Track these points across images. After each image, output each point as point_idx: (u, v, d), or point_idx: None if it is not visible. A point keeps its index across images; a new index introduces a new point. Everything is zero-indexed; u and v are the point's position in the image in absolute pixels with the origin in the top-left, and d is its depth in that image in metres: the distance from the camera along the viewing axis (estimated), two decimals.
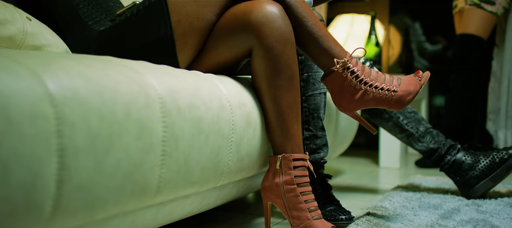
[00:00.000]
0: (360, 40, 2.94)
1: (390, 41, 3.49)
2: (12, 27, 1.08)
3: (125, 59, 0.99)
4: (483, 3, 2.59)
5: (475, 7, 2.60)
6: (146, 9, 1.21)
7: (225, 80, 1.17)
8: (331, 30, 3.05)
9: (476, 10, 2.60)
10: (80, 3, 1.33)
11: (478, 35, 2.60)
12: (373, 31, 2.69)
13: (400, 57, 3.58)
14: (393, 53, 3.53)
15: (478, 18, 2.60)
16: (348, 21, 3.02)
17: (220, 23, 1.21)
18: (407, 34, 3.61)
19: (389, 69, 3.49)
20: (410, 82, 1.24)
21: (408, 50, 3.62)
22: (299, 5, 1.21)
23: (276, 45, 1.16)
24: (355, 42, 2.94)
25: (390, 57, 3.52)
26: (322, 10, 2.97)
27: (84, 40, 1.27)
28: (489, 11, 2.59)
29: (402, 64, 3.60)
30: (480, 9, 2.60)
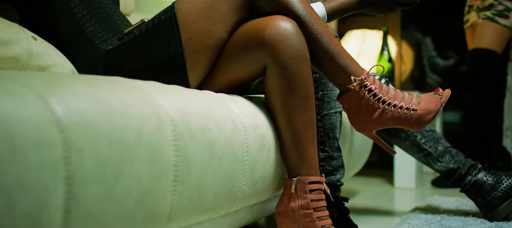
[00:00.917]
0: (372, 56, 2.89)
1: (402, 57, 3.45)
2: (17, 47, 1.04)
3: (134, 79, 0.95)
4: (496, 16, 2.55)
5: (489, 21, 2.55)
6: (155, 27, 1.17)
7: (238, 100, 1.13)
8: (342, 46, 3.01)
9: (490, 24, 2.55)
10: (87, 21, 1.30)
11: (492, 49, 2.55)
12: (385, 47, 2.65)
13: (413, 72, 3.53)
14: (405, 69, 3.48)
15: (491, 32, 2.55)
16: (360, 36, 2.98)
17: (232, 40, 1.17)
18: (419, 49, 3.56)
19: (402, 85, 3.44)
20: (430, 100, 1.20)
21: (420, 65, 3.57)
22: (314, 21, 1.17)
23: (290, 63, 1.11)
24: (367, 58, 2.90)
25: (403, 73, 3.48)
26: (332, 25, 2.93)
27: (91, 59, 1.23)
28: (503, 25, 2.55)
29: (415, 80, 3.55)
30: (493, 23, 2.55)
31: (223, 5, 1.15)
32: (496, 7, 2.56)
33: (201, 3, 1.15)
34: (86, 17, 1.30)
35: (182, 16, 1.15)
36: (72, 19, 1.30)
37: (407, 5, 1.42)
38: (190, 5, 1.15)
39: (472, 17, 2.63)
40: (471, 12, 2.64)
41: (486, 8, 2.57)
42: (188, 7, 1.15)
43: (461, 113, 2.70)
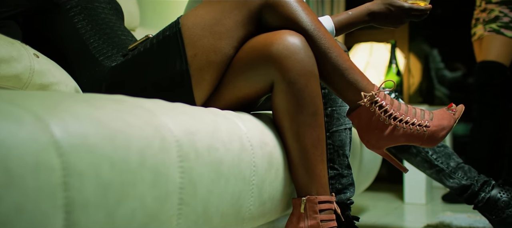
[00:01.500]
0: (380, 69, 2.86)
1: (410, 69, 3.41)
2: (19, 65, 1.01)
3: (138, 97, 0.92)
4: (502, 28, 2.51)
5: (495, 33, 2.52)
6: (160, 43, 1.14)
7: (245, 117, 1.10)
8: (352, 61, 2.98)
9: (496, 36, 2.52)
10: (91, 37, 1.27)
11: (500, 61, 2.51)
12: (394, 60, 2.62)
13: (421, 85, 3.49)
14: (413, 82, 3.45)
15: (498, 45, 2.52)
16: (367, 49, 2.95)
17: (239, 56, 1.14)
18: (426, 61, 3.53)
19: (410, 98, 3.40)
20: (443, 116, 1.16)
21: (428, 78, 3.54)
22: (323, 35, 1.14)
23: (298, 79, 1.08)
24: (375, 71, 2.86)
25: (411, 86, 3.44)
26: (340, 39, 2.90)
27: (95, 76, 1.21)
28: (509, 36, 2.51)
29: (423, 93, 3.52)
30: (500, 35, 2.52)
31: (229, 21, 1.12)
32: (501, 19, 2.52)
33: (207, 18, 1.12)
34: (90, 33, 1.28)
35: (188, 32, 1.12)
36: (75, 35, 1.27)
37: (417, 17, 1.39)
38: (196, 20, 1.13)
39: (478, 30, 2.60)
40: (478, 25, 2.61)
41: (491, 20, 2.54)
42: (193, 23, 1.12)
43: (470, 125, 2.66)
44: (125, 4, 1.84)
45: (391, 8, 1.38)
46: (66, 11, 1.30)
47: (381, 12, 1.38)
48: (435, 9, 1.32)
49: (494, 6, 2.54)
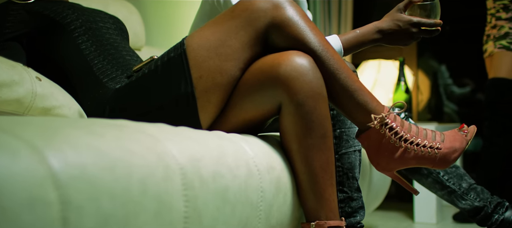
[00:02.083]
0: (388, 86, 2.83)
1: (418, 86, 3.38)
2: (20, 89, 0.99)
3: (141, 122, 0.90)
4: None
5: (505, 50, 2.49)
6: (165, 64, 1.12)
7: (252, 140, 1.07)
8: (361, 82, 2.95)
9: (506, 52, 2.49)
10: (95, 58, 1.25)
11: (510, 78, 2.48)
12: (402, 77, 2.58)
13: (429, 102, 3.46)
14: (422, 99, 3.41)
15: (508, 61, 2.49)
16: (375, 66, 2.92)
17: (245, 78, 1.11)
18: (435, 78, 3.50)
19: (419, 115, 3.37)
20: (454, 138, 1.13)
21: (437, 94, 3.50)
22: (331, 56, 1.11)
23: (307, 101, 1.05)
24: (383, 88, 2.83)
25: (419, 103, 3.40)
26: (347, 58, 2.88)
27: (98, 99, 1.18)
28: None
29: (432, 110, 3.48)
30: (510, 51, 2.48)
31: (235, 41, 1.10)
32: (511, 36, 2.49)
33: (212, 40, 1.10)
34: (94, 54, 1.26)
35: (193, 53, 1.09)
36: (79, 56, 1.26)
37: (428, 33, 1.36)
38: (201, 41, 1.10)
39: (489, 47, 2.57)
40: (489, 42, 2.58)
41: (501, 37, 2.51)
42: (198, 44, 1.10)
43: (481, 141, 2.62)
44: (131, 23, 1.82)
45: (400, 23, 1.35)
46: (70, 32, 1.28)
47: (389, 29, 1.36)
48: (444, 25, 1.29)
49: (504, 23, 2.51)
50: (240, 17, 1.10)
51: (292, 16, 1.10)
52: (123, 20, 1.78)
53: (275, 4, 1.10)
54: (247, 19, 1.10)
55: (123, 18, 1.79)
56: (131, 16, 1.84)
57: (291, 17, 1.10)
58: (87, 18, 1.32)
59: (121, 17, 1.78)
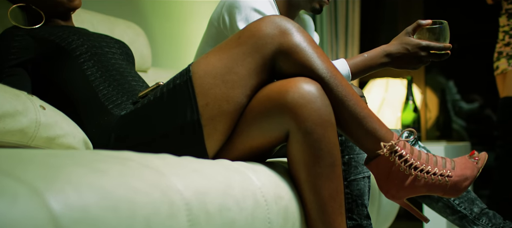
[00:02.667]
0: (396, 105, 2.80)
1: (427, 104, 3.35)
2: (24, 119, 0.98)
3: (146, 153, 0.88)
4: None
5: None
6: (171, 92, 1.10)
7: (259, 169, 1.05)
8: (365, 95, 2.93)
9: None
10: (100, 84, 1.24)
11: None
12: (410, 96, 2.56)
13: (438, 119, 3.43)
14: (430, 116, 3.38)
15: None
16: (383, 85, 2.90)
17: (252, 105, 1.09)
18: (443, 94, 3.47)
19: (427, 133, 3.34)
20: (465, 165, 1.10)
21: (445, 111, 3.47)
22: (339, 83, 1.09)
23: (315, 128, 1.03)
24: (391, 107, 2.80)
25: (428, 120, 3.37)
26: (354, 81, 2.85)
27: (103, 126, 1.17)
28: None
29: (440, 127, 3.45)
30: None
31: (241, 68, 1.08)
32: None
33: (219, 67, 1.08)
34: (100, 80, 1.25)
35: (199, 80, 1.08)
36: (85, 82, 1.24)
37: (437, 57, 1.34)
38: (207, 68, 1.09)
39: (502, 64, 2.53)
40: (501, 59, 2.55)
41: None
42: (204, 71, 1.08)
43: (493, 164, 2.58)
44: (137, 46, 1.82)
45: (408, 47, 1.33)
46: (76, 58, 1.27)
47: (398, 52, 1.34)
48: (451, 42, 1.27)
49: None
50: (247, 44, 1.09)
51: (300, 42, 1.08)
52: (129, 42, 1.78)
53: (282, 30, 1.09)
54: (254, 46, 1.08)
55: (130, 40, 1.78)
56: (138, 38, 1.83)
57: (299, 43, 1.08)
58: (92, 43, 1.31)
59: (127, 40, 1.78)
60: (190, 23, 2.48)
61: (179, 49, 2.44)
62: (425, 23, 1.31)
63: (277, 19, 1.10)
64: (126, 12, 2.05)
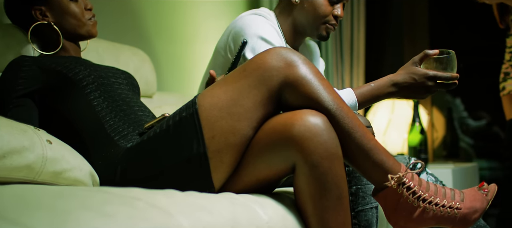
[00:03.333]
0: (403, 127, 2.79)
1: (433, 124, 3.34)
2: (31, 155, 0.98)
3: (153, 190, 0.88)
4: None
5: None
6: (177, 124, 1.10)
7: (265, 202, 1.04)
8: (371, 116, 2.92)
9: None
10: (107, 115, 1.24)
11: None
12: (417, 118, 2.55)
13: (445, 138, 3.42)
14: (437, 136, 3.37)
15: None
16: (389, 106, 2.89)
17: (258, 137, 1.09)
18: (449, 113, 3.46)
19: (434, 153, 3.32)
20: (475, 197, 1.10)
21: (452, 129, 3.46)
22: (346, 115, 1.09)
23: (322, 162, 1.03)
24: (397, 129, 2.79)
25: (435, 140, 3.36)
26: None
27: (110, 158, 1.17)
28: None
29: (447, 146, 3.44)
30: None
31: (247, 101, 1.08)
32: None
33: (225, 99, 1.08)
34: (106, 111, 1.25)
35: (205, 113, 1.08)
36: (91, 113, 1.25)
37: (444, 86, 1.33)
38: (213, 101, 1.09)
39: (508, 85, 2.51)
40: (508, 80, 2.53)
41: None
42: (210, 103, 1.08)
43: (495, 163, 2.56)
44: (143, 72, 1.82)
45: (415, 77, 1.33)
46: (82, 88, 1.27)
47: (405, 82, 1.33)
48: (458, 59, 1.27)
49: None
50: (253, 76, 1.09)
51: (305, 74, 1.08)
52: (135, 69, 1.78)
53: (288, 62, 1.09)
54: (260, 78, 1.08)
55: (135, 67, 1.79)
56: (143, 64, 1.84)
57: (305, 75, 1.08)
58: (99, 74, 1.31)
59: (133, 66, 1.78)
60: (193, 45, 2.49)
61: (183, 71, 2.45)
62: (432, 52, 1.31)
63: (283, 51, 1.10)
64: (130, 37, 2.06)
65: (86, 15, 1.43)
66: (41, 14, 1.40)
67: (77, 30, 1.42)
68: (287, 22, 1.55)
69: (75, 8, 1.41)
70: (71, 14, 1.41)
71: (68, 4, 1.41)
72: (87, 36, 1.45)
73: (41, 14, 1.40)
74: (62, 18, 1.40)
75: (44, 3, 1.40)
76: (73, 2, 1.42)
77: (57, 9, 1.40)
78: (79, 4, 1.43)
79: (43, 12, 1.40)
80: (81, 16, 1.42)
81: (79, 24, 1.42)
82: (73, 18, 1.41)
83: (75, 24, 1.41)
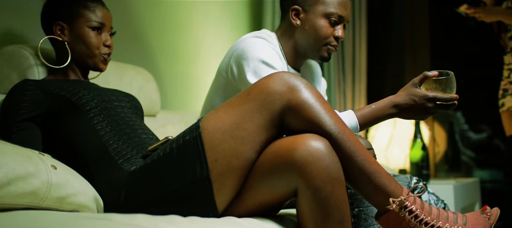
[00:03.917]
0: (405, 143, 2.80)
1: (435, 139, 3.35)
2: (36, 181, 0.99)
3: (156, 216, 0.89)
4: None
5: None
6: (180, 147, 1.11)
7: (268, 226, 1.06)
8: (373, 133, 2.93)
9: None
10: (110, 139, 1.25)
11: None
12: (418, 134, 2.56)
13: (446, 153, 3.42)
14: (438, 151, 3.38)
15: None
16: (391, 122, 2.90)
17: (261, 160, 1.10)
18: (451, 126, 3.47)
19: (436, 167, 3.32)
20: (477, 221, 1.10)
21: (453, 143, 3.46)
22: (347, 139, 1.09)
23: (324, 186, 1.04)
24: (399, 145, 2.80)
25: (436, 155, 3.37)
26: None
27: (113, 182, 1.17)
28: None
29: (449, 160, 3.44)
30: None
31: (250, 125, 1.09)
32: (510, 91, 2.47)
33: (228, 123, 1.09)
34: (109, 135, 1.26)
35: (208, 137, 1.09)
36: (95, 136, 1.26)
37: (444, 107, 1.34)
38: (216, 124, 1.10)
39: (508, 102, 2.52)
40: (507, 96, 2.54)
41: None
42: (214, 127, 1.09)
43: (504, 200, 2.56)
44: (146, 91, 1.84)
45: (415, 98, 1.33)
46: (86, 112, 1.28)
47: (405, 103, 1.34)
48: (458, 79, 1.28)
49: None
50: (255, 100, 1.10)
51: (308, 99, 1.09)
52: (138, 88, 1.79)
53: (290, 86, 1.10)
54: (263, 102, 1.10)
55: (139, 86, 1.80)
56: (147, 83, 1.85)
57: (307, 99, 1.09)
58: (102, 98, 1.32)
59: (137, 85, 1.79)
60: (196, 63, 2.51)
61: (186, 89, 2.46)
62: (432, 74, 1.32)
63: (286, 76, 1.11)
64: (133, 55, 2.07)
65: (102, 50, 1.45)
66: (60, 30, 1.42)
67: (85, 59, 1.44)
68: (289, 44, 1.56)
69: (93, 38, 1.43)
70: (86, 42, 1.43)
71: (88, 32, 1.43)
72: (93, 68, 1.46)
73: (60, 30, 1.42)
74: (77, 42, 1.43)
75: (67, 21, 1.42)
76: (94, 32, 1.43)
77: (76, 32, 1.43)
78: (100, 36, 1.44)
79: (63, 29, 1.42)
80: (95, 47, 1.43)
81: (89, 54, 1.43)
82: (86, 46, 1.43)
83: (85, 52, 1.43)
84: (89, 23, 1.42)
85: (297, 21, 1.53)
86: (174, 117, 2.00)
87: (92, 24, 1.42)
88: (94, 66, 1.45)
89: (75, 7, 1.43)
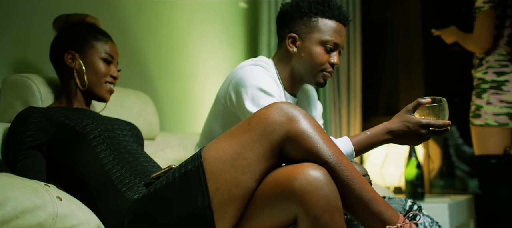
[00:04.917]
0: (400, 161, 2.83)
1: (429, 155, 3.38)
2: (42, 213, 1.02)
3: None
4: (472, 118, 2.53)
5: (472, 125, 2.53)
6: (182, 176, 1.14)
7: None
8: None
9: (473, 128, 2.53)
10: (113, 167, 1.28)
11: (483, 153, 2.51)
12: (413, 153, 2.60)
13: (441, 169, 3.45)
14: (433, 167, 3.41)
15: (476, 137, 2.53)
16: None
17: (261, 189, 1.13)
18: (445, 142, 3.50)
19: (431, 183, 3.36)
20: None
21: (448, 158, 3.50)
22: (345, 168, 1.13)
23: (323, 214, 1.07)
24: (394, 163, 2.84)
25: (431, 171, 3.40)
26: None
27: (117, 210, 1.21)
28: (478, 125, 2.50)
29: (444, 176, 3.47)
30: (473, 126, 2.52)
31: (250, 154, 1.12)
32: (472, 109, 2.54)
33: (229, 152, 1.12)
34: (113, 163, 1.29)
35: (210, 166, 1.12)
36: (98, 165, 1.29)
37: (437, 134, 1.38)
38: (218, 154, 1.13)
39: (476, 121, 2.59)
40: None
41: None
42: (215, 156, 1.13)
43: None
44: (146, 115, 1.87)
45: (409, 125, 1.36)
46: (89, 141, 1.32)
47: (399, 130, 1.37)
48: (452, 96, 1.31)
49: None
50: (256, 130, 1.13)
51: (306, 129, 1.13)
52: (138, 112, 1.83)
53: (289, 117, 1.13)
54: (263, 132, 1.13)
55: (139, 110, 1.83)
56: (147, 108, 1.88)
57: (305, 130, 1.13)
58: (105, 127, 1.36)
59: (136, 109, 1.83)
60: (194, 85, 2.54)
61: (184, 111, 2.49)
62: (425, 101, 1.35)
63: (285, 106, 1.15)
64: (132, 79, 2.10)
65: (107, 79, 1.49)
66: (71, 58, 1.46)
67: (92, 87, 1.47)
68: (286, 71, 1.60)
69: (102, 67, 1.48)
70: (96, 70, 1.47)
71: (99, 61, 1.48)
72: (98, 97, 1.50)
73: (71, 58, 1.46)
74: (86, 70, 1.46)
75: (78, 50, 1.46)
76: (104, 62, 1.48)
77: (87, 61, 1.47)
78: (109, 68, 1.49)
79: (74, 58, 1.46)
80: (103, 76, 1.48)
81: (96, 81, 1.47)
82: (94, 74, 1.47)
83: (93, 80, 1.47)
84: (100, 54, 1.48)
85: (293, 48, 1.57)
86: (172, 140, 2.02)
87: (103, 55, 1.48)
88: (99, 95, 1.49)
89: (87, 39, 1.48)
